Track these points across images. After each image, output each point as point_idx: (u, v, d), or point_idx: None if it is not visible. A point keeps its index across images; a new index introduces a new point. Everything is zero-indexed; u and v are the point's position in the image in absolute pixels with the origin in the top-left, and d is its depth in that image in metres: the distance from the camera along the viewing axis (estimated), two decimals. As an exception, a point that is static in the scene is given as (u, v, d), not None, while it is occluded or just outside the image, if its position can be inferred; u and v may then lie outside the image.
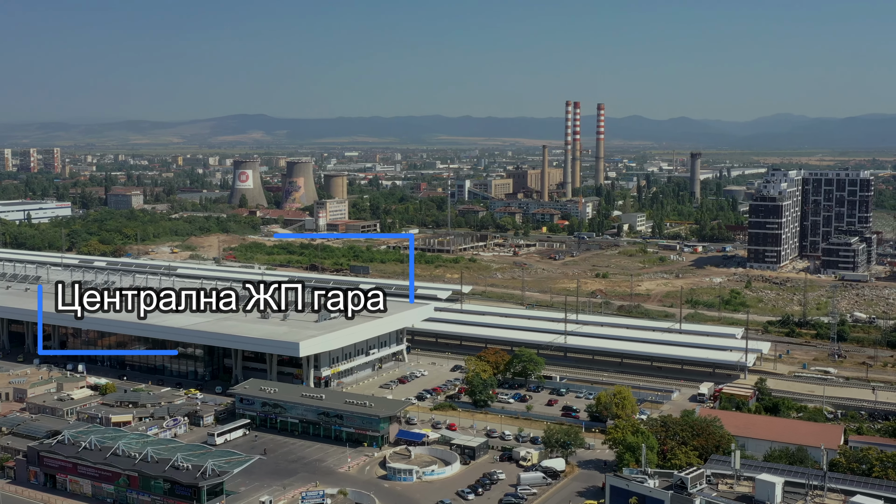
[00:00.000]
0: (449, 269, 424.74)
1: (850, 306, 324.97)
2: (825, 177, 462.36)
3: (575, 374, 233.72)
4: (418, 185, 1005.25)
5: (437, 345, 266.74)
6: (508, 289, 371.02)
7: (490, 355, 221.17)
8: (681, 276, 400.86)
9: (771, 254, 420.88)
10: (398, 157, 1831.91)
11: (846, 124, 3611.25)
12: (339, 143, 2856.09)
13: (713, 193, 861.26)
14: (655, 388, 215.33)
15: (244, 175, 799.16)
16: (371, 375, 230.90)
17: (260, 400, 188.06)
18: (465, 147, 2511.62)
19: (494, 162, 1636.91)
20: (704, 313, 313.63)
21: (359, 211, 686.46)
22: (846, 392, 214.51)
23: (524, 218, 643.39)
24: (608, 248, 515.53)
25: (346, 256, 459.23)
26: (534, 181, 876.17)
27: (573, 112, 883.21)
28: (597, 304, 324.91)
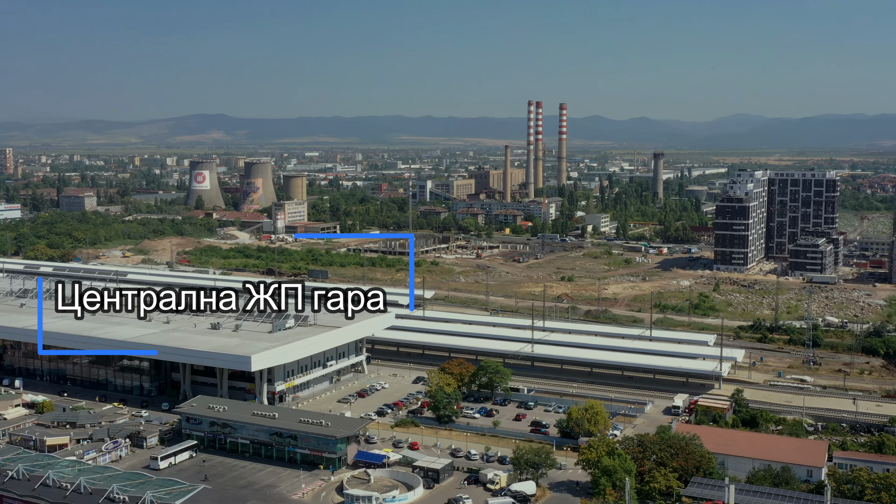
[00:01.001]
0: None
1: (821, 310, 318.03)
2: (791, 177, 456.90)
3: (543, 384, 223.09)
4: (379, 186, 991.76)
5: (399, 354, 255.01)
6: (472, 293, 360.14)
7: (454, 367, 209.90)
8: (647, 279, 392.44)
9: (738, 256, 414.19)
10: (359, 158, 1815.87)
11: (802, 125, 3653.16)
12: (300, 143, 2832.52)
13: (675, 193, 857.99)
14: (628, 401, 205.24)
15: (201, 176, 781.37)
16: (329, 389, 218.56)
17: (208, 419, 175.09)
18: (426, 147, 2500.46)
19: (456, 162, 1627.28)
20: (674, 318, 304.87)
21: (318, 212, 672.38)
22: (825, 402, 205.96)
23: (487, 219, 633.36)
24: (572, 249, 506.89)
25: (305, 260, 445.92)
26: (496, 181, 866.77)
27: (535, 112, 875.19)
28: (563, 310, 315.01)
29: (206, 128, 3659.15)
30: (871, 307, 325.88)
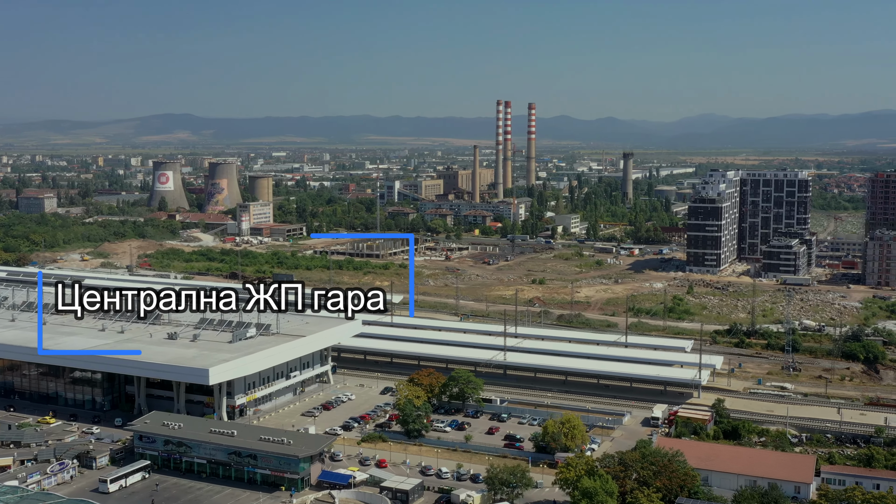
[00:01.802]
0: (378, 275, 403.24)
1: (797, 313, 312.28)
2: (763, 177, 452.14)
3: (517, 394, 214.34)
4: (347, 186, 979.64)
5: (366, 363, 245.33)
6: (441, 297, 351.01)
7: (423, 377, 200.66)
8: (620, 282, 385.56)
9: (711, 257, 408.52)
10: (327, 158, 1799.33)
11: (767, 124, 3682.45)
12: (267, 143, 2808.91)
13: (644, 193, 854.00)
14: (605, 412, 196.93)
15: (164, 177, 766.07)
16: (292, 401, 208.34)
17: (162, 437, 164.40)
18: (394, 147, 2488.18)
19: (424, 162, 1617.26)
20: (648, 322, 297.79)
21: (285, 213, 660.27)
22: (808, 411, 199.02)
23: (456, 220, 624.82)
24: (543, 251, 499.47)
25: (270, 263, 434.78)
26: (464, 182, 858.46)
27: (504, 111, 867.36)
28: (535, 314, 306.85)
29: (172, 127, 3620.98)
30: (847, 309, 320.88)
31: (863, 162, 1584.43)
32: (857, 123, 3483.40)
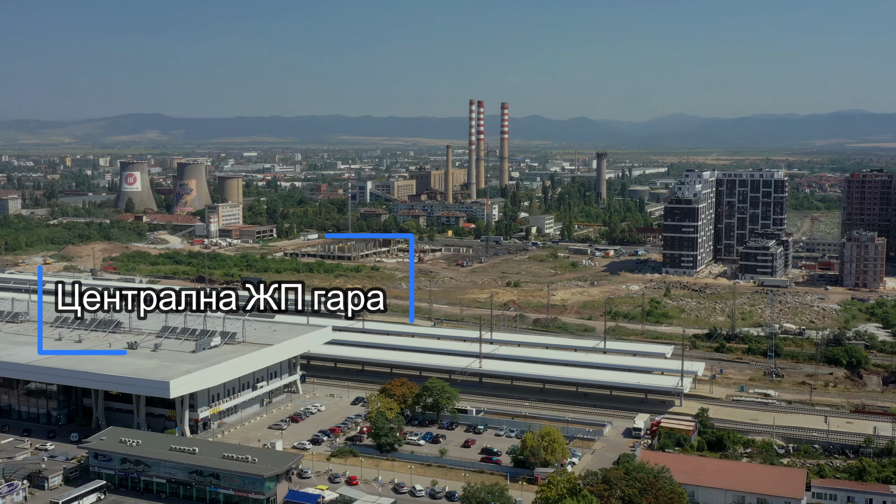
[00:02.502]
0: (350, 278, 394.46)
1: (776, 316, 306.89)
2: (739, 178, 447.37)
3: (493, 404, 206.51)
4: (318, 187, 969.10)
5: (336, 371, 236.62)
6: (414, 301, 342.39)
7: (396, 387, 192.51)
8: (596, 284, 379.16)
9: (687, 258, 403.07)
10: (298, 158, 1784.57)
11: (737, 124, 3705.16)
12: (238, 142, 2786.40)
13: (618, 194, 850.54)
14: (585, 422, 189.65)
15: (132, 177, 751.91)
16: (259, 413, 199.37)
17: (119, 455, 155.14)
18: (366, 147, 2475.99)
19: (396, 162, 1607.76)
20: (626, 326, 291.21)
21: (255, 215, 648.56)
22: (794, 419, 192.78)
23: (429, 221, 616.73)
24: (517, 252, 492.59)
25: (239, 266, 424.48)
26: (437, 182, 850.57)
27: (477, 111, 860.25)
28: (511, 319, 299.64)
29: (142, 127, 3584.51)
30: (827, 312, 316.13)
31: (832, 162, 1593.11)
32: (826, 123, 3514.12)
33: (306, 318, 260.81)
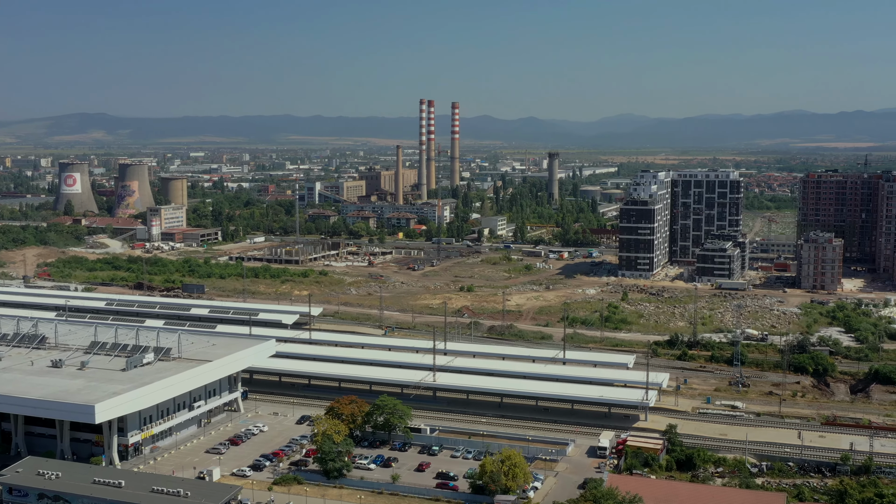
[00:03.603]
0: (297, 283, 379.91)
1: (736, 320, 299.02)
2: (694, 178, 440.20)
3: (448, 420, 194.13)
4: (266, 188, 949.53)
5: (281, 386, 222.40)
6: (364, 307, 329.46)
7: (344, 405, 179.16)
8: (551, 288, 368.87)
9: (643, 261, 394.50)
10: (246, 158, 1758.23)
11: (684, 124, 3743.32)
12: (185, 143, 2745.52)
13: (570, 194, 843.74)
14: (546, 440, 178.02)
15: (71, 178, 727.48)
16: (196, 435, 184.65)
17: (36, 490, 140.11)
18: (315, 147, 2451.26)
19: (346, 162, 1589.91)
20: (584, 333, 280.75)
21: (200, 217, 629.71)
22: (765, 434, 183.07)
23: (379, 223, 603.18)
24: (469, 255, 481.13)
25: (181, 271, 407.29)
26: (387, 183, 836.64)
27: (427, 111, 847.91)
28: (465, 326, 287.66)
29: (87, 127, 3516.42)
30: (787, 316, 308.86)
31: (779, 161, 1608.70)
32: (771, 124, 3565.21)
33: (249, 328, 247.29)
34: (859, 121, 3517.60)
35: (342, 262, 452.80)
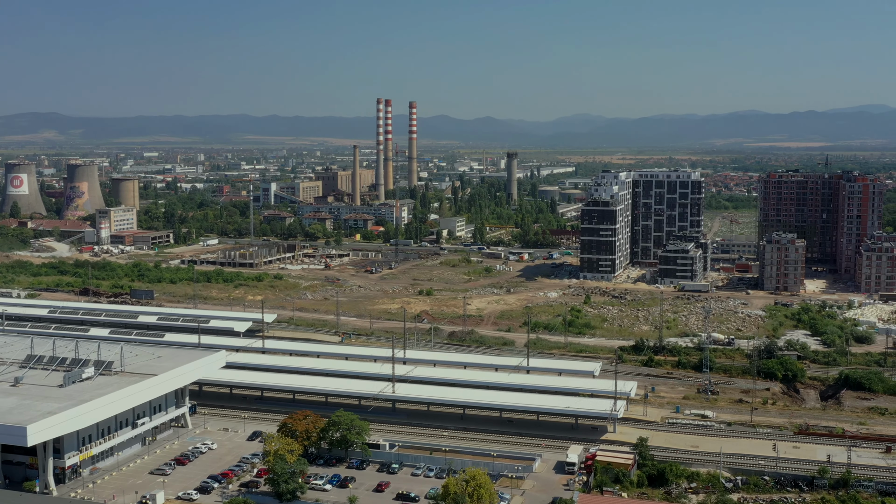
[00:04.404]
0: (251, 288, 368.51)
1: (701, 324, 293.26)
2: (655, 178, 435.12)
3: (408, 434, 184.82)
4: (221, 189, 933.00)
5: (232, 399, 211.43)
6: (321, 313, 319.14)
7: (298, 422, 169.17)
8: (512, 291, 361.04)
9: (605, 263, 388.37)
10: (201, 158, 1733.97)
11: (639, 124, 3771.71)
12: (139, 142, 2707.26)
13: (528, 194, 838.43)
14: (512, 455, 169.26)
15: (18, 179, 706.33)
16: (140, 454, 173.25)
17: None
18: (272, 147, 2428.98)
19: (303, 162, 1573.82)
20: (547, 339, 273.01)
21: (151, 219, 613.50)
22: (737, 445, 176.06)
23: (335, 224, 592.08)
24: (428, 257, 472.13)
25: (130, 276, 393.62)
26: (344, 183, 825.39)
27: (385, 110, 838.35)
28: (425, 332, 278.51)
29: (38, 127, 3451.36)
30: (752, 319, 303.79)
31: (734, 161, 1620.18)
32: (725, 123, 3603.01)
33: (198, 337, 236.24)
34: (811, 121, 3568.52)
35: (298, 265, 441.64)
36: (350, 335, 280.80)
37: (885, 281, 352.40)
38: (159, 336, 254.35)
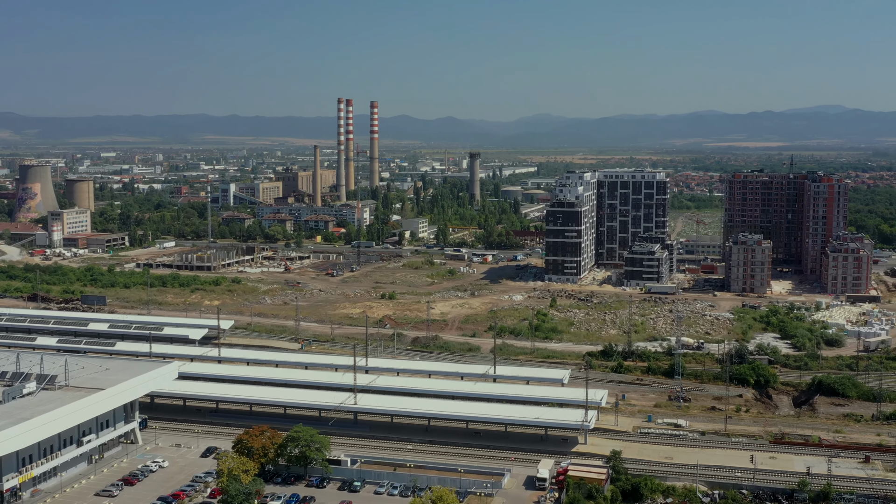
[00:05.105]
0: (208, 293, 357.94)
1: (669, 327, 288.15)
2: (620, 179, 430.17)
3: (371, 449, 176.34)
4: (179, 189, 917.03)
5: (186, 411, 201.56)
6: (280, 318, 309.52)
7: (255, 437, 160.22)
8: (476, 294, 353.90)
9: (570, 265, 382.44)
10: (160, 158, 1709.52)
11: (600, 124, 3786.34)
12: (97, 143, 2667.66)
13: (491, 194, 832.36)
14: (480, 471, 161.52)
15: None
16: (86, 474, 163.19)
17: None
18: (232, 147, 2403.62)
19: (263, 163, 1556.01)
20: (513, 344, 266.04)
21: (107, 221, 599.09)
22: (712, 456, 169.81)
23: (296, 226, 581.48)
24: (390, 259, 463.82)
25: (82, 280, 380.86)
26: (305, 184, 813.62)
27: (346, 110, 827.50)
28: (387, 337, 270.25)
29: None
30: (721, 321, 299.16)
31: (694, 161, 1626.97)
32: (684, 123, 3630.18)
33: (150, 346, 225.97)
34: (768, 121, 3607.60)
35: (257, 268, 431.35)
36: (310, 342, 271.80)
37: (852, 282, 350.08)
38: (110, 345, 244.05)
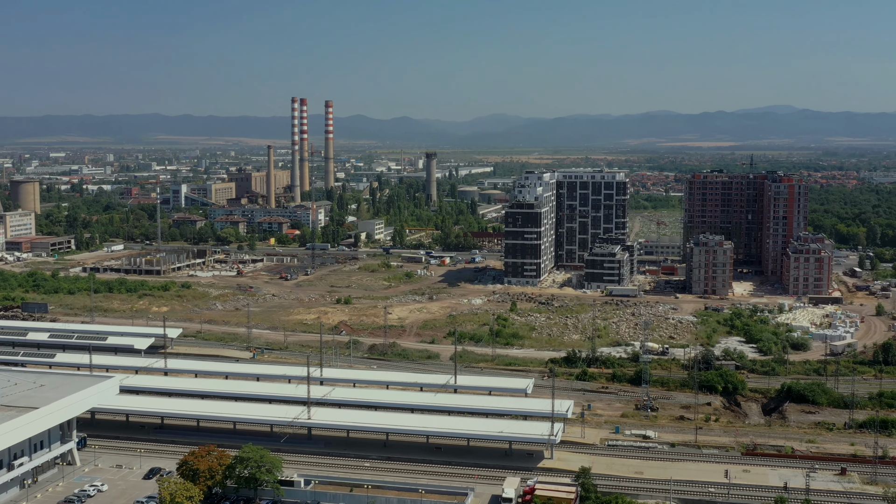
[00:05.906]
0: (157, 298, 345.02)
1: (633, 332, 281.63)
2: (580, 179, 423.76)
3: (326, 467, 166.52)
4: (129, 190, 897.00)
5: (129, 427, 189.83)
6: (231, 325, 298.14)
7: (201, 459, 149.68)
8: (435, 298, 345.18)
9: (530, 267, 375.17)
10: (110, 159, 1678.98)
11: (555, 124, 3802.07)
12: (46, 143, 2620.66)
13: (448, 194, 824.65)
14: (442, 490, 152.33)
15: None
16: (18, 500, 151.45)
17: None
18: (185, 147, 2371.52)
19: (216, 163, 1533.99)
20: (474, 350, 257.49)
21: (53, 223, 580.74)
22: (684, 470, 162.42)
23: (249, 228, 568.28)
24: (346, 261, 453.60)
25: (25, 286, 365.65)
26: (259, 184, 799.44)
27: (300, 110, 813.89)
28: (343, 345, 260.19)
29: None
30: (684, 325, 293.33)
31: (648, 160, 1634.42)
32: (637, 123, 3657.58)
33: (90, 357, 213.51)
34: (720, 121, 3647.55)
35: (209, 272, 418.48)
36: (263, 350, 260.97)
37: (813, 283, 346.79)
38: (50, 356, 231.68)
